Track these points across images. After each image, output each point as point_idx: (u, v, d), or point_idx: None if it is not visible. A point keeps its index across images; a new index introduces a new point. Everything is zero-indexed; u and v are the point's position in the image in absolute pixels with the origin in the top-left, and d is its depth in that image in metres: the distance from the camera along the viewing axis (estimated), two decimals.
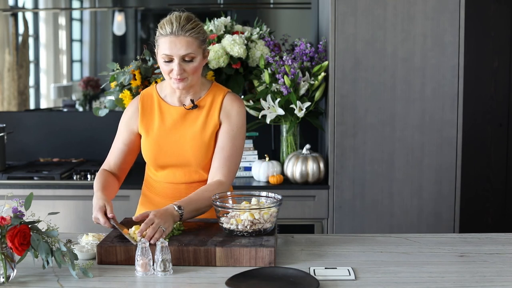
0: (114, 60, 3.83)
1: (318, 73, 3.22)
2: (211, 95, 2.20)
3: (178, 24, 2.06)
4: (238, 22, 3.53)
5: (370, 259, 1.94)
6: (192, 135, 2.17)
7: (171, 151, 2.18)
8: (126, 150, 2.26)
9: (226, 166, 2.16)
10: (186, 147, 2.17)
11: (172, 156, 2.18)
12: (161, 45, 2.09)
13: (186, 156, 2.17)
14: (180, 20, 2.07)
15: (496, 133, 3.90)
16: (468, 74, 3.70)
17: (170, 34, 2.06)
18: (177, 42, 2.06)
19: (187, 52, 2.07)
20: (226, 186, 2.15)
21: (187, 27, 2.07)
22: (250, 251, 1.84)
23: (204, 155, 2.17)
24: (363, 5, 3.11)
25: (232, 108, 2.19)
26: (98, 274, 1.79)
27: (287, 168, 3.26)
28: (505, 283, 1.74)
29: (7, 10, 3.91)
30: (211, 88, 2.22)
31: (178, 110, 2.19)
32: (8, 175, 3.34)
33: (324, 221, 3.23)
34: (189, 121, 2.18)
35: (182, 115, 2.19)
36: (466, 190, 3.79)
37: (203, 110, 2.18)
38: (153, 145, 2.19)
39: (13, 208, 1.74)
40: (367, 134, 3.17)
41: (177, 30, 2.06)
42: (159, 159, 2.19)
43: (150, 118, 2.21)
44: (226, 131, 2.18)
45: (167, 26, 2.07)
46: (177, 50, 2.06)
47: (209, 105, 2.19)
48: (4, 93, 3.93)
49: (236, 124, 2.19)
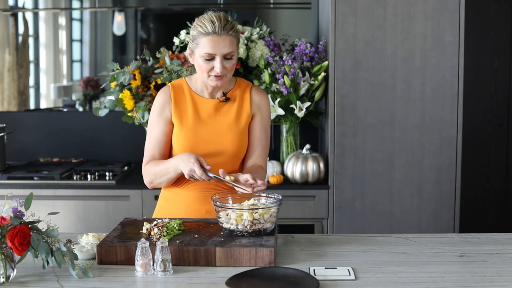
0: (114, 60, 3.83)
1: (318, 73, 3.22)
2: (238, 88, 2.29)
3: (220, 24, 2.11)
4: (238, 22, 3.53)
5: (370, 259, 1.94)
6: (227, 125, 2.24)
7: (209, 140, 2.22)
8: (166, 141, 2.26)
9: (264, 155, 2.32)
10: (223, 136, 2.23)
11: (210, 145, 2.22)
12: (202, 44, 2.13)
13: (224, 145, 2.23)
14: (221, 19, 2.12)
15: (496, 133, 3.90)
16: (468, 74, 3.70)
17: (213, 33, 2.11)
18: (220, 41, 2.11)
19: (229, 50, 2.13)
20: (266, 171, 2.32)
21: (228, 26, 2.12)
22: (250, 251, 1.84)
23: (240, 143, 2.25)
24: (363, 5, 3.11)
25: (262, 100, 2.30)
26: (98, 274, 1.79)
27: (287, 168, 3.26)
28: (505, 283, 1.74)
29: (7, 10, 3.91)
30: (237, 82, 2.31)
31: (212, 103, 2.25)
32: (8, 175, 3.34)
33: (324, 221, 3.23)
34: (223, 112, 2.25)
35: (216, 107, 2.25)
36: (466, 190, 3.79)
37: (235, 102, 2.27)
38: (189, 134, 2.22)
39: (13, 208, 1.74)
40: (367, 134, 3.17)
41: (220, 29, 2.11)
42: (196, 149, 2.21)
43: (184, 108, 2.24)
44: (260, 122, 2.30)
45: (208, 25, 2.11)
46: (220, 49, 2.11)
47: (239, 97, 2.28)
48: (4, 93, 3.93)
49: (267, 115, 2.32)
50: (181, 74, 3.07)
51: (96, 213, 3.25)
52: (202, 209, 2.24)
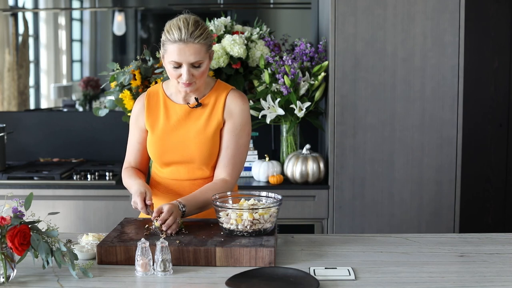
0: (114, 60, 3.83)
1: (318, 73, 3.22)
2: (215, 93, 2.21)
3: (186, 31, 2.04)
4: (238, 22, 3.53)
5: (370, 259, 1.94)
6: (195, 132, 2.18)
7: (175, 148, 2.19)
8: (141, 149, 2.28)
9: (230, 165, 2.18)
10: (190, 143, 2.18)
11: (176, 153, 2.19)
12: (169, 51, 2.08)
13: (190, 153, 2.18)
14: (189, 26, 2.05)
15: (496, 133, 3.90)
16: (468, 74, 3.70)
17: (179, 41, 2.05)
18: (186, 50, 2.05)
19: (196, 59, 2.07)
20: (231, 184, 2.18)
21: (195, 34, 2.05)
22: (250, 251, 1.84)
23: (208, 151, 2.18)
24: (363, 5, 3.11)
25: (235, 106, 2.20)
26: (98, 274, 1.79)
27: (287, 168, 3.26)
28: (505, 283, 1.74)
29: (7, 10, 3.91)
30: (215, 86, 2.23)
31: (183, 108, 2.21)
32: (8, 175, 3.34)
33: (324, 221, 3.23)
34: (193, 118, 2.19)
35: (186, 113, 2.20)
36: (466, 190, 3.79)
37: (207, 108, 2.20)
38: (157, 142, 2.21)
39: (13, 208, 1.74)
40: (367, 134, 3.17)
41: (186, 38, 2.04)
42: (164, 156, 2.21)
43: (156, 115, 2.23)
44: (230, 129, 2.19)
45: (175, 32, 2.05)
46: (186, 57, 2.06)
47: (213, 102, 2.20)
48: (4, 93, 3.93)
49: (240, 122, 2.20)
50: None
51: (96, 213, 3.25)
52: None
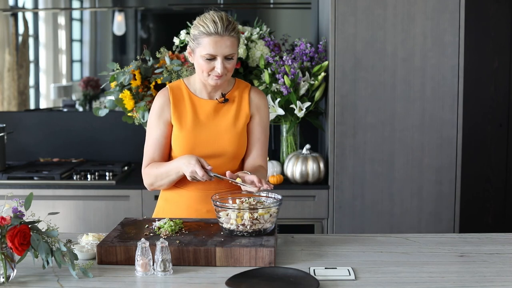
0: (114, 60, 3.83)
1: (318, 73, 3.22)
2: (237, 89, 2.30)
3: (222, 24, 2.11)
4: (238, 22, 3.52)
5: (370, 259, 1.94)
6: (226, 126, 2.24)
7: (206, 142, 2.22)
8: (165, 143, 2.26)
9: (264, 154, 2.33)
10: (221, 138, 2.23)
11: (207, 147, 2.22)
12: (204, 44, 2.13)
13: (222, 146, 2.23)
14: (223, 20, 2.12)
15: (496, 133, 3.90)
16: (468, 74, 3.70)
17: (215, 34, 2.11)
18: (222, 42, 2.11)
19: (231, 52, 2.14)
20: (266, 170, 2.34)
21: (230, 27, 2.13)
22: (250, 251, 1.84)
23: (238, 145, 2.26)
24: (363, 5, 3.11)
25: (260, 101, 2.31)
26: (98, 274, 1.79)
27: (287, 168, 3.26)
28: (505, 283, 1.74)
29: (7, 10, 3.91)
30: (235, 83, 2.32)
31: (210, 104, 2.25)
32: (8, 175, 3.34)
33: (324, 221, 3.23)
34: (221, 113, 2.26)
35: (214, 108, 2.25)
36: (466, 190, 3.79)
37: (234, 103, 2.27)
38: (187, 136, 2.22)
39: (13, 208, 1.74)
40: (367, 134, 3.17)
41: (222, 30, 2.11)
42: (196, 150, 2.22)
43: (183, 110, 2.25)
44: (259, 122, 2.30)
45: (210, 25, 2.11)
46: (222, 49, 2.12)
47: (238, 98, 2.28)
48: (4, 93, 3.93)
49: (266, 115, 2.33)
50: (181, 74, 3.07)
51: (96, 213, 3.25)
52: (203, 209, 2.24)
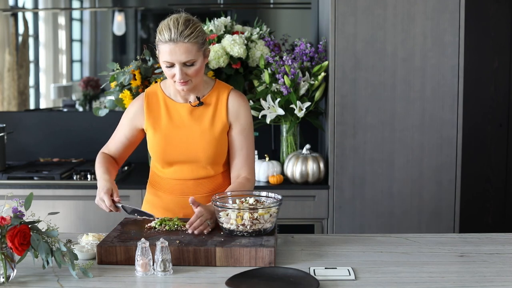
0: (114, 60, 3.83)
1: (318, 73, 3.22)
2: (215, 93, 2.23)
3: (176, 31, 2.05)
4: (238, 22, 3.53)
5: (370, 259, 1.94)
6: (201, 131, 2.20)
7: (179, 147, 2.20)
8: (127, 144, 2.30)
9: (248, 164, 2.26)
10: (195, 143, 2.19)
11: (181, 152, 2.20)
12: (161, 51, 2.10)
13: (195, 152, 2.20)
14: (178, 25, 2.06)
15: (496, 133, 3.90)
16: (468, 74, 3.70)
17: (169, 41, 2.06)
18: (177, 49, 2.06)
19: (187, 58, 2.08)
20: (253, 182, 2.27)
21: (185, 33, 2.06)
22: (250, 251, 1.84)
23: (213, 150, 2.20)
24: (363, 5, 3.11)
25: (239, 108, 2.23)
26: (98, 274, 1.79)
27: (287, 168, 3.26)
28: (505, 283, 1.74)
29: (7, 10, 3.91)
30: (215, 85, 2.25)
31: (184, 107, 2.22)
32: (8, 175, 3.33)
33: (324, 221, 3.23)
34: (196, 117, 2.21)
35: (188, 112, 2.21)
36: (466, 190, 3.79)
37: (210, 107, 2.22)
38: (161, 141, 2.21)
39: (13, 208, 1.74)
40: (367, 134, 3.17)
41: (175, 37, 2.05)
42: (168, 155, 2.21)
43: (157, 115, 2.23)
44: (240, 131, 2.24)
45: (165, 32, 2.07)
46: (177, 57, 2.07)
47: (215, 102, 2.22)
48: (4, 93, 3.93)
49: (247, 122, 2.25)
50: None
51: (96, 213, 3.25)
52: (180, 213, 2.25)
